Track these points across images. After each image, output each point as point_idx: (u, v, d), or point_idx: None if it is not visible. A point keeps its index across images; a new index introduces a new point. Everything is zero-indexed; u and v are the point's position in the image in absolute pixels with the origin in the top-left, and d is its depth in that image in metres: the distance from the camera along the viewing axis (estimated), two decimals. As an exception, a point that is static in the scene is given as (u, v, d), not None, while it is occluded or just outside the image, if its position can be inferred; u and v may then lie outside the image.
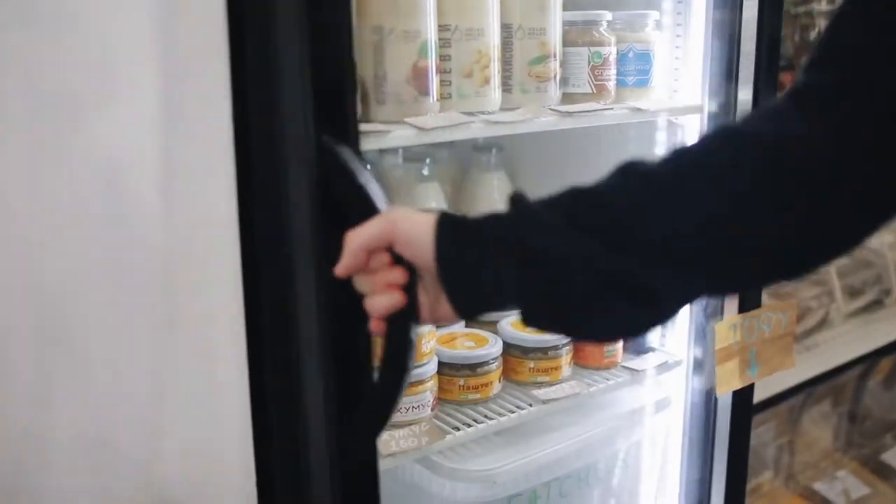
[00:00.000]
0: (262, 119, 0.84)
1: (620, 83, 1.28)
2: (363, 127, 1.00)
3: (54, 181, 0.78)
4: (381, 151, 1.63)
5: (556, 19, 1.18)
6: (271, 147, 0.85)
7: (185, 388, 0.89)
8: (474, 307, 0.75)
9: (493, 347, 1.26)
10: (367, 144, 1.00)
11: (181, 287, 0.87)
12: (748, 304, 1.34)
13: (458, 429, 1.20)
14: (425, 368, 1.18)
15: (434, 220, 0.73)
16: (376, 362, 0.79)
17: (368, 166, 1.47)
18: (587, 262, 0.69)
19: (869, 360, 2.00)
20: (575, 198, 0.73)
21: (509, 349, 1.31)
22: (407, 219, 0.74)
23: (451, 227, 0.73)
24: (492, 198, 1.63)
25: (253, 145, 0.85)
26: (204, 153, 0.85)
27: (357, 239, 0.74)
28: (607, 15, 1.25)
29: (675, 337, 1.45)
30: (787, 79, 1.69)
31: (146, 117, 0.81)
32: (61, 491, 0.84)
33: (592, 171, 1.58)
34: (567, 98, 1.25)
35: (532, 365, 1.30)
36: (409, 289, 0.74)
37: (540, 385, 1.31)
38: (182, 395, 0.89)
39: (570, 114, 1.16)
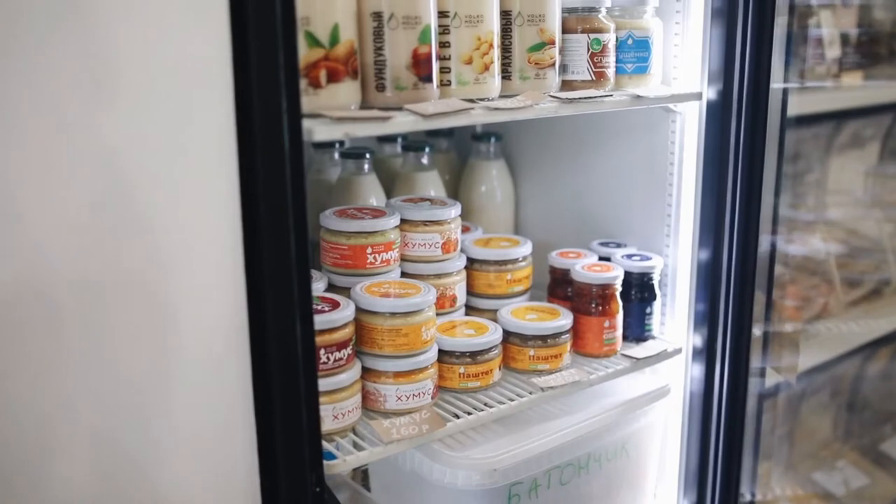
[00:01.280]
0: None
1: (619, 70, 1.28)
2: (362, 113, 1.00)
3: (55, 175, 0.78)
4: (381, 140, 1.63)
5: (555, 6, 1.18)
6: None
7: (188, 385, 0.89)
8: None
9: (493, 335, 1.26)
10: (366, 131, 1.00)
11: (183, 283, 0.86)
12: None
13: (458, 416, 1.20)
14: (426, 357, 1.18)
15: None
16: None
17: (367, 155, 1.48)
18: None
19: (868, 350, 2.00)
20: None
21: (509, 337, 1.31)
22: None
23: None
24: (491, 187, 1.63)
25: (255, 131, 0.85)
26: (206, 143, 0.85)
27: None
28: (606, 1, 1.25)
29: (675, 325, 1.45)
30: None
31: (149, 111, 0.81)
32: (62, 485, 0.84)
33: (589, 159, 1.59)
34: (566, 85, 1.25)
35: (532, 353, 1.30)
36: None
37: (540, 373, 1.31)
38: (185, 392, 0.89)
39: (570, 100, 1.16)
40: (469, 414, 1.21)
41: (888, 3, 1.93)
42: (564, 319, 1.33)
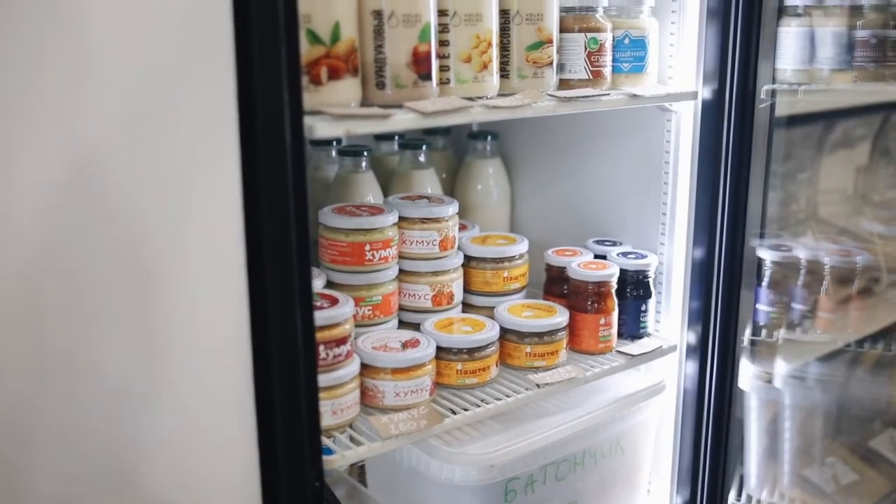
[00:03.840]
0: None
1: (616, 69, 1.29)
2: (363, 111, 1.00)
3: (47, 171, 0.78)
4: (378, 138, 1.63)
5: (553, 5, 1.19)
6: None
7: (190, 380, 0.89)
8: None
9: (491, 332, 1.27)
10: (366, 128, 1.00)
11: (184, 279, 0.87)
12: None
13: (455, 413, 1.21)
14: (424, 353, 1.19)
15: None
16: None
17: (365, 153, 1.48)
18: None
19: (857, 348, 2.01)
20: None
21: (506, 334, 1.32)
22: None
23: None
24: (487, 185, 1.64)
25: (257, 127, 0.85)
26: (207, 139, 0.85)
27: None
28: (603, 1, 1.26)
29: (670, 322, 1.46)
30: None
31: (151, 106, 0.82)
32: (50, 483, 0.84)
33: (585, 158, 1.60)
34: (564, 84, 1.25)
35: (529, 350, 1.31)
36: None
37: (536, 369, 1.31)
38: (186, 387, 0.89)
39: (567, 99, 1.17)
40: (466, 410, 1.21)
41: (880, 6, 1.94)
42: (560, 317, 1.34)
